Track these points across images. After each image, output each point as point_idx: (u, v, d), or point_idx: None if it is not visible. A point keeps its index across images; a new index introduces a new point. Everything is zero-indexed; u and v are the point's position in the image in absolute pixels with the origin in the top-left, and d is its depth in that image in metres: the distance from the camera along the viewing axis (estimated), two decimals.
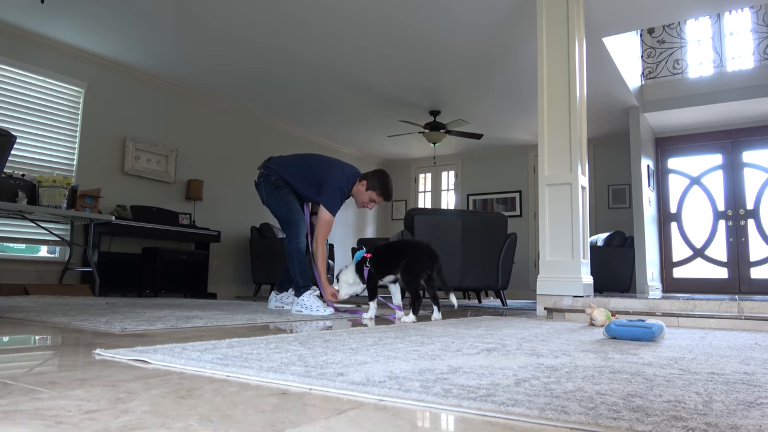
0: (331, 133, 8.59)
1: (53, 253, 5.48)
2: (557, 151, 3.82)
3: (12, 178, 4.59)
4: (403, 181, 10.37)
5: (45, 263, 5.35)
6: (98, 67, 5.82)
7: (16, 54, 5.16)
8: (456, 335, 2.03)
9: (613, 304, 3.35)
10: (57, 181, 4.78)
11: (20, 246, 5.24)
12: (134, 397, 0.91)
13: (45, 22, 5.02)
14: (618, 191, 8.20)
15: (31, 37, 5.24)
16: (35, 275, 5.19)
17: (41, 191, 4.71)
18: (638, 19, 4.84)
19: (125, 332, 1.95)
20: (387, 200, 3.53)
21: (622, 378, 1.14)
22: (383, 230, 10.25)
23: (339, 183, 3.47)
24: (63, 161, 5.52)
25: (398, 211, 10.26)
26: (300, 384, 1.04)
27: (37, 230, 5.13)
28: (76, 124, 5.64)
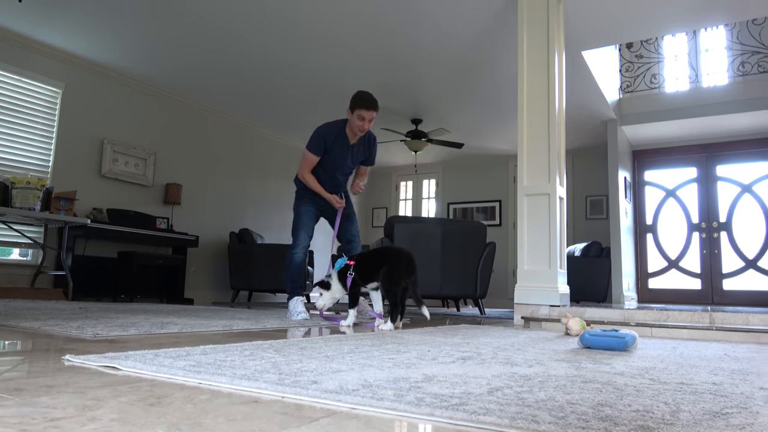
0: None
1: (25, 256, 5.37)
2: (536, 162, 3.86)
3: None
4: (384, 188, 10.38)
5: (17, 266, 5.24)
6: (77, 68, 5.74)
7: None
8: (433, 343, 2.03)
9: (588, 314, 3.39)
10: (31, 182, 4.70)
11: None
12: (102, 405, 0.89)
13: (23, 21, 4.94)
14: (595, 202, 8.32)
15: (8, 36, 5.15)
16: (6, 278, 5.08)
17: (14, 192, 4.61)
18: (616, 33, 4.94)
19: (97, 338, 1.92)
20: (368, 108, 3.52)
21: (593, 387, 1.15)
22: (364, 237, 10.24)
23: (319, 129, 3.68)
24: (38, 162, 5.43)
25: (378, 218, 10.27)
26: (273, 392, 1.03)
27: (9, 232, 5.03)
28: (53, 125, 5.55)
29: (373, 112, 3.54)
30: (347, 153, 3.71)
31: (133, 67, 5.96)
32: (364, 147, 3.77)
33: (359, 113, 3.53)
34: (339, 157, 3.69)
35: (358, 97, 3.57)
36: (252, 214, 7.79)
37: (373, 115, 3.56)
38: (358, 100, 3.55)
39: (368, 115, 3.53)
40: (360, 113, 3.53)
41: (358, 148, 3.75)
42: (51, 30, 5.12)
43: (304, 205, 3.78)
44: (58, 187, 5.28)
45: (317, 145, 3.65)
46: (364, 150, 3.79)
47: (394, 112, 7.17)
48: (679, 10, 4.47)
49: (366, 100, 3.54)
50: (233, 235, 6.92)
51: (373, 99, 3.58)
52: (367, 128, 3.60)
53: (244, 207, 7.68)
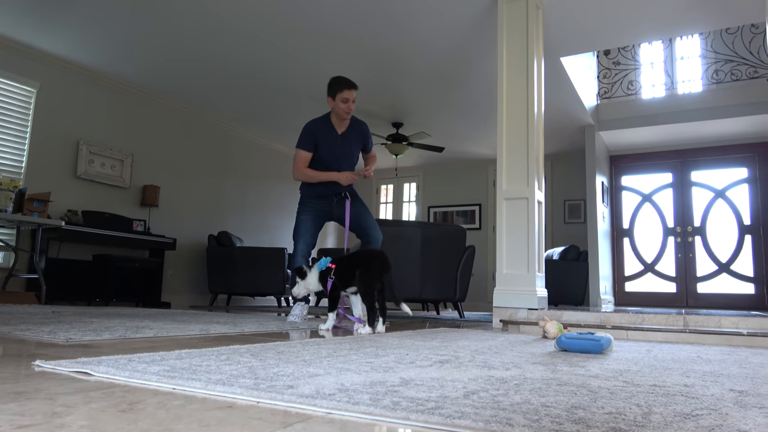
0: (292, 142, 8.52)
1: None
2: (515, 166, 3.90)
3: None
4: (364, 191, 10.38)
5: None
6: (52, 67, 5.64)
7: None
8: (411, 347, 2.03)
9: (566, 317, 3.43)
10: (3, 183, 4.60)
11: None
12: (72, 411, 0.87)
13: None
14: (574, 206, 8.42)
15: None
16: None
17: None
18: (594, 40, 5.01)
19: (70, 343, 1.88)
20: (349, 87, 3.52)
21: (568, 390, 1.16)
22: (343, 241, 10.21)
23: (305, 126, 3.67)
24: (11, 163, 5.31)
25: None
26: (248, 397, 1.02)
27: None
28: (27, 125, 5.45)
29: (353, 91, 3.54)
30: (338, 143, 3.66)
31: (110, 67, 5.88)
32: (355, 134, 3.72)
33: (341, 96, 3.52)
34: (332, 150, 3.65)
35: (336, 80, 3.57)
36: (232, 217, 7.73)
37: (354, 95, 3.55)
38: (336, 83, 3.55)
39: (350, 95, 3.53)
40: (342, 95, 3.52)
41: (350, 137, 3.70)
42: (25, 28, 5.02)
43: (304, 213, 3.73)
44: (31, 189, 5.18)
45: (306, 140, 3.63)
46: (356, 137, 3.74)
47: (375, 115, 7.18)
48: (655, 18, 4.55)
49: (344, 80, 3.55)
50: (212, 238, 6.85)
51: (350, 79, 3.58)
52: (351, 109, 3.58)
53: (223, 209, 7.61)
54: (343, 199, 3.71)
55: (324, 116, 3.70)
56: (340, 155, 3.67)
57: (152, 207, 6.51)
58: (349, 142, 3.71)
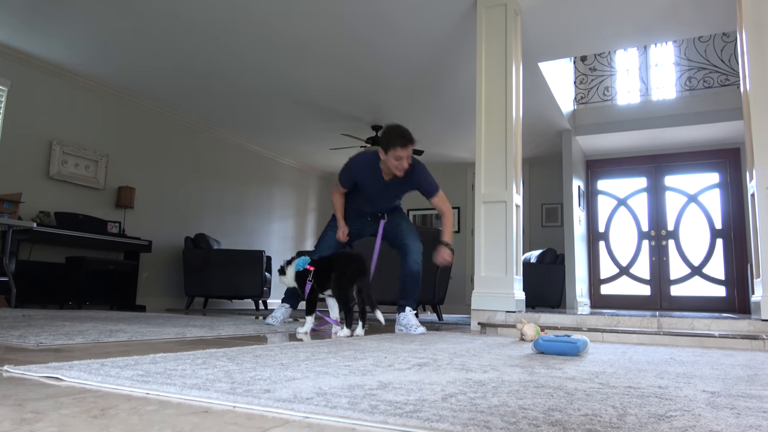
0: (271, 144, 8.49)
1: None
2: (494, 170, 3.92)
3: None
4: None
5: None
6: (24, 65, 5.52)
7: None
8: (390, 350, 2.03)
9: (543, 320, 3.46)
10: None
11: None
12: (41, 418, 0.85)
13: None
14: (551, 210, 8.51)
15: None
16: None
17: None
18: (571, 46, 5.08)
19: (41, 347, 1.84)
20: (404, 145, 3.11)
21: (545, 392, 1.17)
22: None
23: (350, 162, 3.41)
24: None
25: None
26: (224, 401, 1.01)
27: None
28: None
29: (409, 148, 3.14)
30: (383, 189, 3.38)
31: (85, 66, 5.77)
32: (407, 181, 3.36)
33: (395, 153, 3.12)
34: (375, 191, 3.40)
35: (392, 134, 3.14)
36: (209, 219, 7.64)
37: (410, 152, 3.15)
38: (392, 137, 3.13)
39: (405, 153, 3.13)
40: (396, 153, 3.12)
41: (400, 184, 3.38)
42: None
43: (331, 228, 3.56)
44: (1, 189, 5.05)
45: (345, 179, 3.41)
46: (408, 185, 3.40)
47: (354, 118, 7.17)
48: (630, 26, 4.63)
49: (401, 136, 3.11)
50: (188, 240, 6.76)
51: (408, 134, 3.15)
52: (405, 167, 3.19)
53: (200, 212, 7.52)
54: (378, 218, 3.53)
55: (372, 158, 3.32)
56: (381, 197, 3.43)
57: (127, 208, 6.40)
58: (395, 188, 3.41)
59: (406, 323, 3.30)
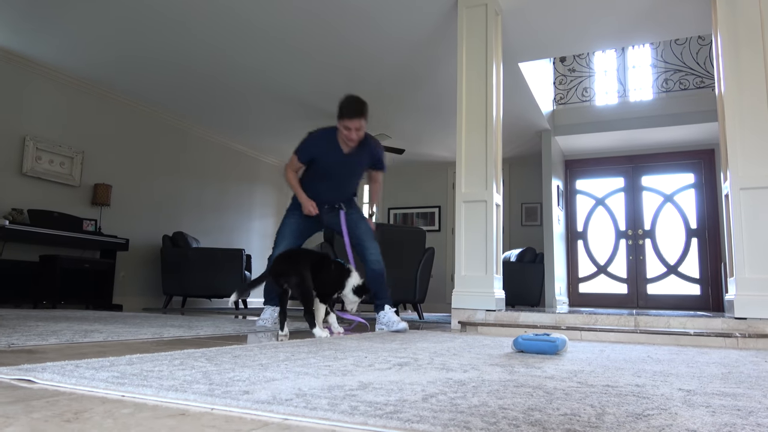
0: (252, 142, 8.41)
1: None
2: (474, 170, 3.94)
3: None
4: None
5: None
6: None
7: None
8: (370, 349, 2.02)
9: (522, 319, 3.49)
10: None
11: None
12: (12, 422, 0.83)
13: None
14: (530, 209, 8.59)
15: None
16: None
17: None
18: (550, 47, 5.12)
19: (12, 348, 1.80)
20: (351, 117, 3.14)
21: (525, 392, 1.18)
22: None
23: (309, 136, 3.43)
24: None
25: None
26: (201, 403, 0.99)
27: None
28: None
29: (358, 120, 3.15)
30: (342, 162, 3.36)
31: (59, 61, 5.65)
32: (364, 153, 3.41)
33: (343, 123, 3.18)
34: (333, 166, 3.38)
35: (343, 104, 3.20)
36: (188, 218, 7.55)
37: (360, 124, 3.17)
38: (342, 108, 3.19)
39: (354, 125, 3.16)
40: (344, 123, 3.17)
41: (356, 157, 3.39)
42: None
43: (291, 217, 3.51)
44: None
45: (302, 153, 3.39)
46: (365, 157, 3.44)
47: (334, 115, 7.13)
48: (608, 28, 4.69)
49: (349, 109, 3.16)
50: (166, 239, 6.67)
51: (357, 104, 3.18)
52: (356, 138, 3.22)
53: (179, 210, 7.43)
54: (336, 210, 3.49)
55: (331, 132, 3.36)
56: (340, 172, 3.42)
57: (104, 206, 6.29)
58: (354, 162, 3.41)
59: (387, 321, 3.32)
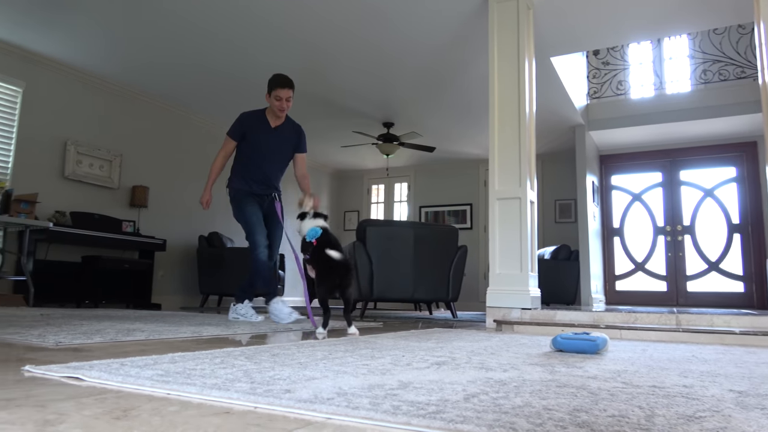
0: None
1: None
2: (507, 167, 3.89)
3: None
4: (355, 192, 10.36)
5: None
6: (38, 67, 5.57)
7: None
8: (406, 348, 2.02)
9: (559, 317, 3.43)
10: None
11: None
12: (64, 419, 0.85)
13: None
14: (564, 206, 8.45)
15: None
16: None
17: None
18: (584, 41, 5.03)
19: (59, 346, 1.85)
20: (282, 86, 3.58)
21: (568, 392, 1.15)
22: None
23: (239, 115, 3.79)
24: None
25: (350, 222, 10.24)
26: (245, 402, 1.00)
27: None
28: (13, 126, 5.37)
29: (288, 90, 3.60)
30: (270, 136, 3.73)
31: (98, 66, 5.81)
32: (290, 133, 3.80)
33: (275, 94, 3.60)
34: (263, 141, 3.72)
35: (273, 78, 3.64)
36: (221, 218, 7.66)
37: (289, 94, 3.61)
38: (272, 81, 3.62)
39: (284, 94, 3.59)
40: (276, 93, 3.60)
41: (283, 133, 3.77)
42: (9, 26, 4.95)
43: (248, 205, 3.74)
44: (18, 190, 5.10)
45: (235, 129, 3.73)
46: (291, 135, 3.81)
47: (365, 116, 7.16)
48: (643, 19, 4.57)
49: (280, 79, 3.60)
50: (202, 239, 6.80)
51: (286, 77, 3.63)
52: (286, 108, 3.65)
53: (213, 210, 7.53)
54: (272, 200, 3.84)
55: (261, 110, 3.80)
56: (270, 148, 3.74)
57: (141, 208, 6.44)
58: (281, 138, 3.77)
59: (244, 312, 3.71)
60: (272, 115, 3.72)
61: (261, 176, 3.76)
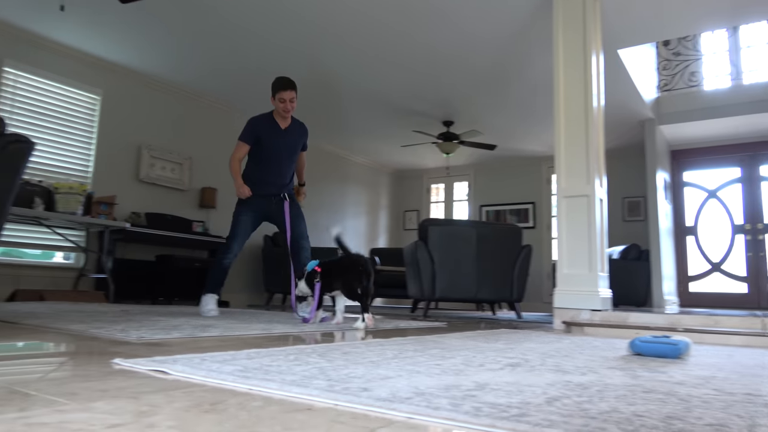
0: (344, 144, 8.60)
1: (68, 259, 5.50)
2: (574, 163, 3.78)
3: (29, 184, 4.63)
4: (414, 191, 10.34)
5: (60, 269, 5.37)
6: (114, 75, 5.87)
7: (33, 61, 5.22)
8: (475, 349, 1.99)
9: (632, 320, 3.30)
10: (73, 187, 4.81)
11: (35, 252, 5.27)
12: (157, 411, 0.89)
13: (62, 29, 5.08)
14: (633, 204, 8.12)
15: (49, 45, 5.30)
16: (50, 281, 5.22)
17: (57, 197, 4.73)
18: (654, 31, 4.81)
19: (142, 341, 1.94)
20: (284, 88, 3.71)
21: (656, 398, 1.10)
22: (395, 240, 10.23)
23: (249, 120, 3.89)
24: (79, 168, 5.56)
25: (410, 221, 10.23)
26: (325, 399, 1.01)
27: (52, 236, 5.16)
28: (93, 131, 5.69)
29: (290, 91, 3.73)
30: (281, 137, 3.86)
31: (167, 73, 6.07)
32: (298, 132, 3.95)
33: (279, 96, 3.73)
34: (274, 144, 3.84)
35: (275, 82, 3.77)
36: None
37: (292, 95, 3.74)
38: (275, 84, 3.76)
39: (287, 96, 3.72)
40: (280, 96, 3.73)
41: (292, 134, 3.91)
42: (88, 37, 5.24)
43: (242, 214, 3.88)
44: (98, 192, 5.40)
45: (247, 133, 3.84)
46: (299, 135, 3.96)
47: (425, 115, 7.13)
48: (718, 6, 4.32)
49: (282, 82, 3.74)
50: (267, 239, 6.97)
51: (288, 79, 3.76)
52: (290, 109, 3.78)
53: None
54: (281, 200, 3.89)
55: (269, 113, 3.91)
56: (283, 148, 3.87)
57: (210, 208, 6.68)
58: (292, 138, 3.91)
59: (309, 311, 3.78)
60: (279, 116, 3.86)
61: (275, 176, 3.88)
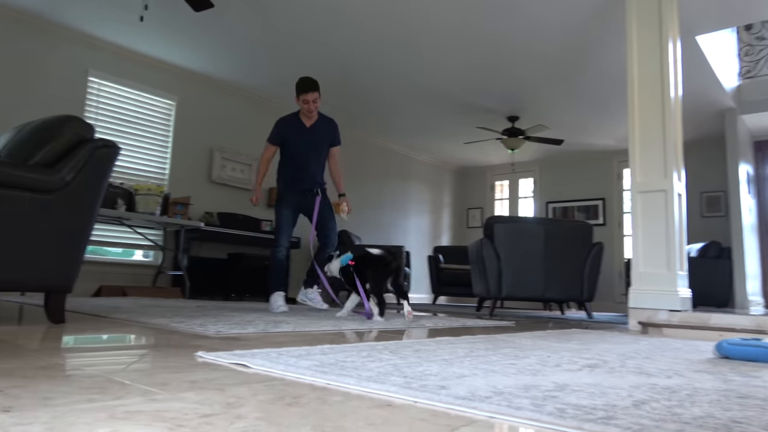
0: (407, 141, 8.60)
1: (147, 257, 5.80)
2: (650, 157, 3.61)
3: (112, 186, 4.91)
4: (478, 188, 10.22)
5: (140, 266, 5.68)
6: (188, 81, 6.13)
7: (116, 70, 5.54)
8: (549, 349, 1.94)
9: (714, 321, 3.12)
10: (152, 189, 5.06)
11: (118, 250, 5.59)
12: (243, 403, 0.92)
13: (141, 40, 5.36)
14: (712, 199, 7.68)
15: (129, 55, 5.60)
16: (132, 278, 5.52)
17: (137, 198, 5.00)
18: (734, 15, 4.52)
19: (220, 335, 2.01)
20: (305, 90, 3.79)
21: (753, 404, 1.03)
22: (459, 238, 10.14)
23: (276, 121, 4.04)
24: (157, 170, 5.85)
25: (474, 219, 10.12)
26: (403, 396, 1.01)
27: (133, 235, 5.46)
28: (169, 136, 5.97)
29: (313, 93, 3.80)
30: (307, 135, 3.94)
31: (237, 78, 6.28)
32: (325, 129, 4.00)
33: (303, 98, 3.82)
34: (300, 142, 3.92)
35: (298, 84, 3.86)
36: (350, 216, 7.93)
37: (315, 96, 3.82)
38: (298, 86, 3.85)
39: (310, 97, 3.80)
40: (304, 97, 3.82)
41: (319, 130, 3.97)
42: (165, 46, 5.50)
43: (284, 208, 3.97)
44: (174, 193, 5.66)
45: (274, 135, 3.98)
46: (325, 131, 4.01)
47: (489, 111, 7.03)
48: None
49: (304, 83, 3.81)
50: None
51: (310, 81, 3.83)
52: (314, 109, 3.86)
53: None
54: (314, 196, 4.00)
55: (295, 113, 4.02)
56: (309, 147, 3.95)
57: None
58: (318, 135, 3.97)
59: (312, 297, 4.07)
60: (304, 116, 3.95)
61: (305, 174, 3.97)
